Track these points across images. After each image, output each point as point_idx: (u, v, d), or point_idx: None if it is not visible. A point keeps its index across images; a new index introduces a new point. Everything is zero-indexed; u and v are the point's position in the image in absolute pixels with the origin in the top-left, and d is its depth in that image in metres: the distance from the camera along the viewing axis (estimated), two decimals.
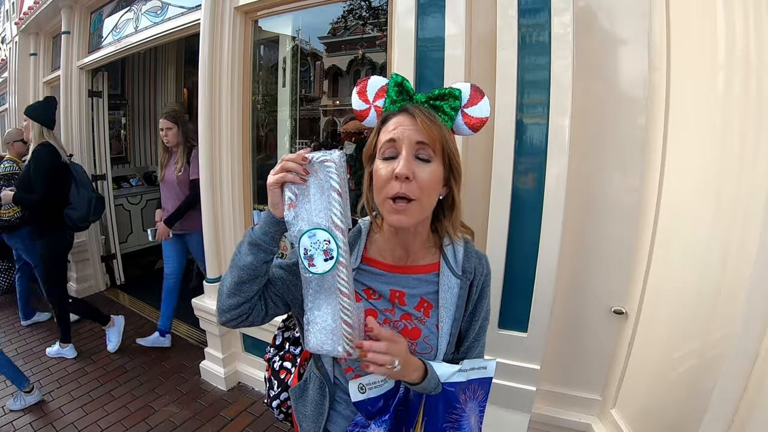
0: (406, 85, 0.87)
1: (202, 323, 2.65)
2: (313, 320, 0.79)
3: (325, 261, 0.76)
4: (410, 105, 0.84)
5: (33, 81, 4.62)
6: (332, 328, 0.78)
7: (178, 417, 2.40)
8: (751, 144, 1.12)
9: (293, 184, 0.78)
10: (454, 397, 0.88)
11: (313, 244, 0.77)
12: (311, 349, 0.79)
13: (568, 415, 1.79)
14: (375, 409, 0.88)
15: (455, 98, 0.86)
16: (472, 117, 0.88)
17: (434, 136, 0.78)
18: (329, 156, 0.77)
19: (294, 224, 0.78)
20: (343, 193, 0.77)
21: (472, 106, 0.87)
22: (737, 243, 1.15)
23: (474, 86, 0.88)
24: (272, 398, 1.14)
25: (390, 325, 0.88)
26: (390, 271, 0.91)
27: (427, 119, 0.79)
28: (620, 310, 1.63)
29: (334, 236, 0.76)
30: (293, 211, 0.78)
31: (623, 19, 1.51)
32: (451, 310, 0.89)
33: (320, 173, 0.78)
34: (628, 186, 1.57)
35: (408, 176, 0.77)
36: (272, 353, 1.18)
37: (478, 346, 0.97)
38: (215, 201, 2.45)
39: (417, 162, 0.79)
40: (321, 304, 0.79)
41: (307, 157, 0.78)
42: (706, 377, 1.21)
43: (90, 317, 3.14)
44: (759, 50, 1.10)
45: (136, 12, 3.13)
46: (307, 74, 2.91)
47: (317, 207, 0.78)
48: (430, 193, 0.81)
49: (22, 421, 2.36)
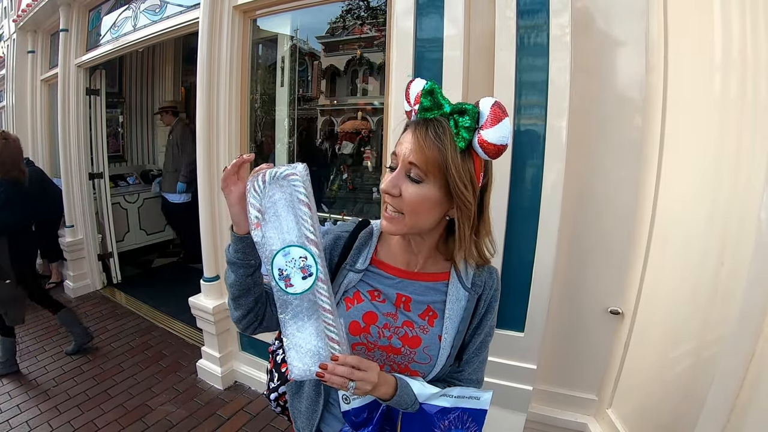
0: (436, 94, 0.77)
1: (199, 322, 2.65)
2: (295, 344, 0.75)
3: (303, 279, 0.73)
4: (417, 120, 0.79)
5: (30, 79, 4.60)
6: (318, 350, 0.75)
7: (175, 416, 2.39)
8: (747, 145, 1.13)
9: (256, 201, 0.74)
10: (433, 421, 0.85)
11: (288, 263, 0.73)
12: (297, 377, 0.76)
13: (564, 415, 1.80)
14: (359, 419, 0.87)
15: (471, 117, 0.75)
16: (485, 141, 0.74)
17: (426, 159, 0.74)
18: (293, 169, 0.73)
19: (263, 244, 0.74)
20: (312, 206, 0.74)
21: (487, 129, 0.74)
22: (733, 243, 1.16)
23: (496, 104, 0.75)
24: (271, 390, 1.14)
25: (390, 331, 0.87)
26: (399, 276, 0.90)
27: (425, 141, 0.74)
28: (616, 310, 1.63)
29: (310, 251, 0.73)
30: (260, 231, 0.74)
31: (621, 21, 1.51)
32: (456, 322, 0.88)
33: (286, 188, 0.74)
34: (625, 186, 1.57)
35: (390, 193, 0.77)
36: (276, 346, 1.17)
37: (476, 362, 0.95)
38: (213, 200, 2.44)
39: (406, 180, 0.77)
40: (303, 326, 0.76)
41: (245, 158, 0.77)
42: (702, 377, 1.22)
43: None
44: (755, 51, 1.11)
45: (134, 10, 3.12)
46: (305, 74, 2.90)
47: (287, 223, 0.74)
48: (417, 213, 0.78)
49: (19, 419, 2.35)
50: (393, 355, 0.87)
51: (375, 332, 0.87)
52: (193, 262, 4.58)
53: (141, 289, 4.22)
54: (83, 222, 4.12)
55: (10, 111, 4.87)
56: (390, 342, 0.87)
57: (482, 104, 0.76)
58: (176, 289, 3.79)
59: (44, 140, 4.61)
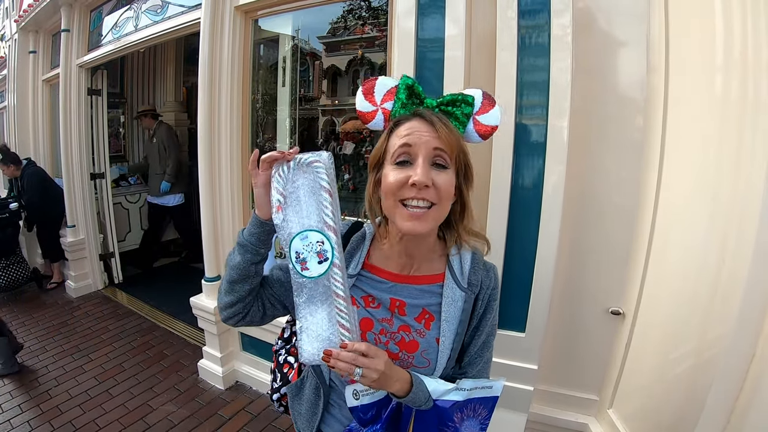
0: (417, 89, 0.84)
1: (200, 322, 2.65)
2: (306, 327, 0.77)
3: (319, 263, 0.74)
4: (423, 109, 0.82)
5: (32, 79, 4.61)
6: (328, 335, 0.76)
7: (176, 416, 2.40)
8: (748, 145, 1.12)
9: (280, 185, 0.76)
10: (447, 415, 0.85)
11: (305, 247, 0.74)
12: (306, 360, 0.77)
13: (565, 415, 1.80)
14: (367, 416, 0.86)
15: (468, 104, 0.84)
16: (484, 125, 0.86)
17: (452, 144, 0.77)
18: (318, 157, 0.76)
19: (283, 227, 0.76)
20: (334, 194, 0.76)
21: (483, 114, 0.85)
22: (733, 244, 1.16)
23: (486, 93, 0.86)
24: (274, 390, 1.14)
25: (386, 336, 0.86)
26: (392, 280, 0.89)
27: (445, 126, 0.77)
28: (617, 310, 1.63)
29: (328, 237, 0.74)
30: (281, 214, 0.76)
31: (622, 21, 1.52)
32: (454, 324, 0.86)
33: (309, 174, 0.76)
34: (626, 186, 1.58)
35: (427, 184, 0.75)
36: (279, 345, 1.17)
37: (480, 362, 0.92)
38: (214, 200, 2.45)
39: (433, 168, 0.77)
40: (316, 310, 0.77)
41: (291, 152, 0.77)
42: (703, 377, 1.22)
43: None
44: (756, 52, 1.11)
45: (136, 10, 3.13)
46: (306, 74, 2.91)
47: (308, 208, 0.76)
48: (447, 200, 0.79)
49: (20, 419, 2.35)
50: (391, 360, 0.85)
51: (371, 339, 0.86)
52: (194, 262, 4.58)
53: (142, 289, 4.23)
54: (85, 222, 4.13)
55: (11, 111, 4.88)
56: (387, 348, 0.86)
57: (473, 94, 0.85)
58: (177, 289, 3.80)
59: (46, 140, 4.62)
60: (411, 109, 0.83)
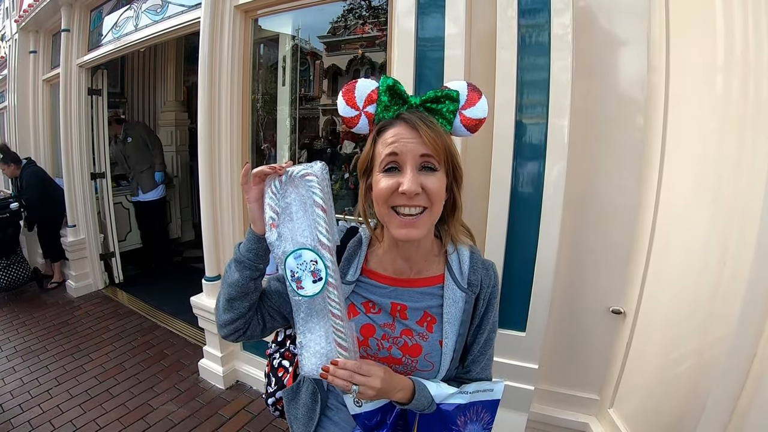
0: (398, 89, 0.80)
1: (201, 321, 2.65)
2: (306, 344, 0.76)
3: (313, 283, 0.73)
4: (407, 112, 0.79)
5: (32, 79, 4.61)
6: (326, 352, 0.75)
7: (177, 415, 2.40)
8: (749, 145, 1.12)
9: (273, 202, 0.75)
10: (451, 418, 0.84)
11: (299, 266, 0.73)
12: (307, 374, 0.77)
13: (566, 415, 1.80)
14: (372, 423, 0.86)
15: (453, 100, 0.80)
16: (471, 118, 0.82)
17: (439, 147, 0.75)
18: (310, 169, 0.73)
19: (277, 245, 0.74)
20: (328, 209, 0.74)
21: (470, 107, 0.81)
22: (734, 244, 1.15)
23: (471, 85, 0.82)
24: (269, 395, 1.13)
25: (389, 342, 0.85)
26: (391, 284, 0.88)
27: (429, 130, 0.75)
28: (618, 309, 1.63)
29: (321, 256, 0.73)
30: (275, 231, 0.74)
31: (622, 20, 1.51)
32: (456, 326, 0.85)
33: (301, 188, 0.74)
34: (627, 186, 1.57)
35: (417, 192, 0.74)
36: (273, 349, 1.16)
37: (483, 360, 0.92)
38: (214, 199, 2.45)
39: (423, 172, 0.76)
40: (313, 327, 0.76)
41: (283, 167, 0.75)
42: (704, 377, 1.21)
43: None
44: (758, 52, 1.10)
45: (136, 10, 3.13)
46: (307, 73, 2.91)
47: (300, 225, 0.74)
48: (439, 202, 0.78)
49: (21, 419, 2.36)
50: (394, 365, 0.85)
51: (374, 345, 0.86)
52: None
53: (143, 289, 4.23)
54: (85, 222, 4.13)
55: (12, 111, 4.89)
56: (390, 353, 0.85)
57: (456, 88, 0.81)
58: (178, 289, 3.80)
59: (46, 140, 4.62)
60: (395, 111, 0.80)
